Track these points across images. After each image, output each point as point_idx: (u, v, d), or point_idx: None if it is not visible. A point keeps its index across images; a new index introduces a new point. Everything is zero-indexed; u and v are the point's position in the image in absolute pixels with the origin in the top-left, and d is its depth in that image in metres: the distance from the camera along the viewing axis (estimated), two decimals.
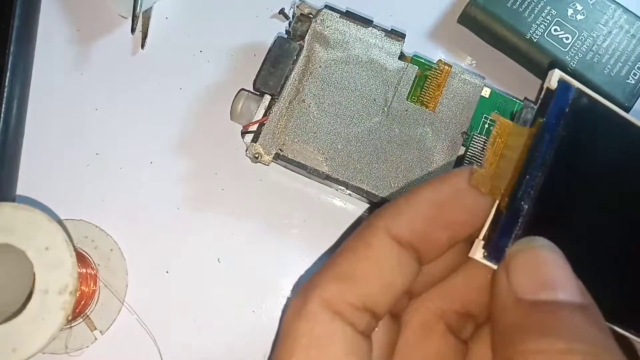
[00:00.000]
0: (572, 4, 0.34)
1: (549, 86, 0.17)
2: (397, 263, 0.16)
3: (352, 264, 0.16)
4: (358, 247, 0.16)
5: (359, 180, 0.32)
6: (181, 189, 0.34)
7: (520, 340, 0.14)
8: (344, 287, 0.15)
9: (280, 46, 0.32)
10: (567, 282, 0.15)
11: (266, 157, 0.32)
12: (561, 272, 0.15)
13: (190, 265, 0.33)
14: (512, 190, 0.16)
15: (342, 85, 0.32)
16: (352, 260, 0.16)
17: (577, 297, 0.15)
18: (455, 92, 0.33)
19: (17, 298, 0.26)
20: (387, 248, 0.16)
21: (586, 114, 0.17)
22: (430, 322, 0.18)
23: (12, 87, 0.34)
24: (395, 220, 0.16)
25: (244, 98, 0.33)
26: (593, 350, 0.14)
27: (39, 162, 0.34)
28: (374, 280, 0.16)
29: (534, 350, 0.14)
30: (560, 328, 0.14)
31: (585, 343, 0.14)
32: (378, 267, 0.16)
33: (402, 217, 0.16)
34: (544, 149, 0.16)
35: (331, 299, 0.15)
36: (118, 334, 0.32)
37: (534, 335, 0.14)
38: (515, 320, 0.15)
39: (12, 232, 0.26)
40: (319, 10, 0.33)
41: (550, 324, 0.14)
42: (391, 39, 0.33)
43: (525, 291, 0.15)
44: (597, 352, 0.14)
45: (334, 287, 0.15)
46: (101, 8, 0.36)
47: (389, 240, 0.16)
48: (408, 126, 0.32)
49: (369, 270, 0.16)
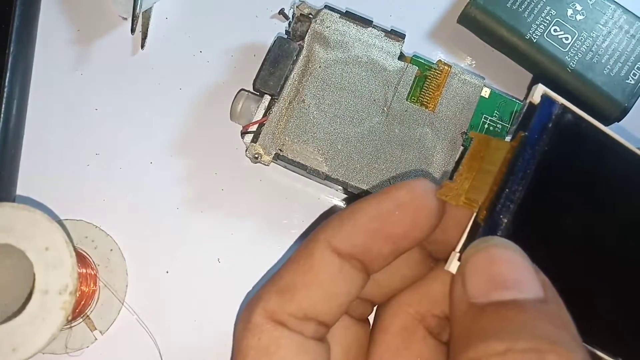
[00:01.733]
0: (572, 4, 0.34)
1: (532, 100, 0.16)
2: (338, 274, 0.16)
3: (294, 276, 0.16)
4: (300, 260, 0.16)
5: (358, 181, 0.32)
6: (181, 189, 0.34)
7: (465, 347, 0.14)
8: (285, 299, 0.16)
9: (280, 46, 0.33)
10: (521, 278, 0.15)
11: (266, 158, 0.32)
12: (515, 269, 0.15)
13: (190, 265, 0.34)
14: (491, 203, 0.16)
15: (341, 86, 0.33)
16: (294, 272, 0.16)
17: (532, 292, 0.14)
18: (455, 92, 0.33)
19: (17, 298, 0.26)
20: (328, 260, 0.16)
21: (570, 129, 0.17)
22: (410, 326, 0.18)
23: (12, 87, 0.34)
24: (336, 234, 0.16)
25: (243, 98, 0.33)
26: (536, 347, 0.13)
27: (39, 162, 0.34)
28: (316, 291, 0.16)
29: (474, 358, 0.13)
30: (503, 329, 0.14)
31: (528, 340, 0.13)
32: (319, 278, 0.16)
33: (343, 231, 0.16)
34: (525, 163, 0.16)
35: (273, 310, 0.16)
36: (118, 334, 0.32)
37: (476, 340, 0.14)
38: (466, 326, 0.15)
39: (12, 232, 0.26)
40: (318, 10, 0.33)
41: (494, 326, 0.14)
42: (391, 39, 0.33)
43: (477, 295, 0.15)
44: (542, 348, 0.13)
45: (276, 300, 0.16)
46: (101, 8, 0.36)
47: (329, 253, 0.16)
48: (408, 126, 0.32)
49: (310, 282, 0.16)
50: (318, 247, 0.16)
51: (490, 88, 0.33)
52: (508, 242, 0.15)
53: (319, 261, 0.16)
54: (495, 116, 0.33)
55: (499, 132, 0.33)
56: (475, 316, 0.14)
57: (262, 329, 0.16)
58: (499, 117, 0.33)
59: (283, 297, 0.16)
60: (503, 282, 0.15)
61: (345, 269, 0.16)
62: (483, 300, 0.15)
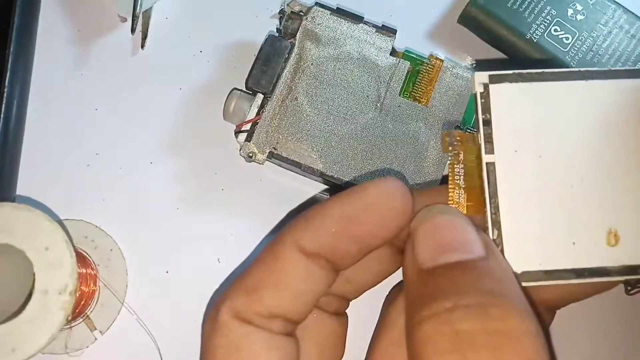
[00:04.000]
0: (572, 4, 0.34)
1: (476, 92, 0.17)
2: (305, 274, 0.16)
3: (260, 276, 0.16)
4: (267, 260, 0.17)
5: (353, 177, 0.32)
6: (181, 189, 0.34)
7: (418, 309, 0.14)
8: (251, 298, 0.16)
9: (271, 44, 0.33)
10: (464, 240, 0.16)
11: (260, 156, 0.32)
12: (458, 233, 0.16)
13: (190, 265, 0.33)
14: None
15: (334, 83, 0.33)
16: (260, 272, 0.17)
17: (475, 252, 0.15)
18: (447, 86, 0.33)
19: (17, 298, 0.26)
20: (294, 260, 0.16)
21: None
22: None
23: (12, 87, 0.34)
24: (302, 234, 0.16)
25: (236, 97, 0.33)
26: (480, 302, 0.14)
27: (39, 162, 0.34)
28: (282, 291, 0.16)
29: (425, 317, 0.14)
30: (450, 287, 0.14)
31: (472, 296, 0.14)
32: (286, 279, 0.16)
33: (310, 231, 0.16)
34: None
35: (239, 309, 0.16)
36: (118, 334, 0.32)
37: (427, 301, 0.14)
38: (417, 290, 0.15)
39: (12, 232, 0.26)
40: (309, 7, 0.33)
41: (442, 286, 0.15)
42: (382, 35, 0.33)
43: (426, 260, 0.15)
44: (485, 303, 0.14)
45: (242, 299, 0.16)
46: (101, 8, 0.36)
47: (296, 252, 0.16)
48: (401, 122, 0.32)
49: (277, 282, 0.16)
50: (285, 247, 0.16)
51: None
52: (449, 208, 0.17)
53: (286, 261, 0.16)
54: None
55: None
56: (426, 280, 0.15)
57: (230, 327, 0.16)
58: None
59: (249, 297, 0.16)
60: (448, 245, 0.15)
61: (312, 268, 0.16)
62: (431, 264, 0.15)
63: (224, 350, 0.16)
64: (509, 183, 0.17)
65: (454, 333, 0.14)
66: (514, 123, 0.17)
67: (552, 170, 0.17)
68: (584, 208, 0.16)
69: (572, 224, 0.16)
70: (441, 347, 0.14)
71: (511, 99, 0.17)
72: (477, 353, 0.13)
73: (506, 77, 0.17)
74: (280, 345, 0.16)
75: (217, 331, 0.16)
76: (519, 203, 0.16)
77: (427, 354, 0.14)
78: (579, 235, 0.16)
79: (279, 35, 0.33)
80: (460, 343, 0.13)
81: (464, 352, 0.13)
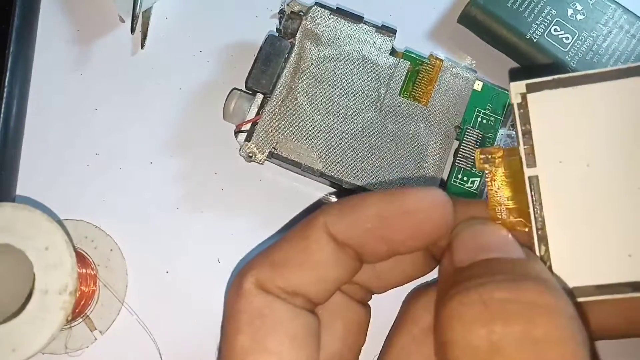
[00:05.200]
0: (572, 4, 0.34)
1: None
2: (332, 259, 0.16)
3: (287, 252, 0.16)
4: (295, 239, 0.16)
5: (353, 177, 0.32)
6: (181, 189, 0.34)
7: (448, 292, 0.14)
8: (276, 273, 0.16)
9: (271, 44, 0.33)
10: (505, 243, 0.15)
11: (260, 156, 0.32)
12: (499, 238, 0.15)
13: (190, 265, 0.33)
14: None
15: (334, 82, 0.33)
16: (287, 249, 0.16)
17: (515, 254, 0.15)
18: (447, 86, 0.33)
19: (17, 298, 0.26)
20: (322, 243, 0.16)
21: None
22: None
23: (12, 87, 0.34)
24: (336, 220, 0.16)
25: (236, 97, 0.33)
26: (512, 278, 0.14)
27: (39, 162, 0.34)
28: (307, 272, 0.16)
29: (454, 293, 0.14)
30: (484, 272, 0.14)
31: (506, 275, 0.14)
32: (312, 260, 0.16)
33: (343, 221, 0.16)
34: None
35: (264, 280, 0.16)
36: (118, 334, 0.32)
37: (458, 282, 0.14)
38: (450, 282, 0.15)
39: (12, 232, 0.26)
40: (309, 7, 0.33)
41: (477, 273, 0.14)
42: (382, 34, 0.33)
43: (462, 260, 0.15)
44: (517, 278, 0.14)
45: (267, 271, 0.16)
46: (101, 8, 0.36)
47: (325, 237, 0.16)
48: (401, 122, 0.32)
49: (303, 262, 0.16)
50: (316, 229, 0.16)
51: (483, 81, 0.33)
52: (486, 220, 0.16)
53: (315, 243, 0.16)
54: (488, 109, 0.33)
55: (492, 125, 0.33)
56: (461, 271, 0.15)
57: (255, 294, 0.16)
58: (492, 110, 0.33)
59: (274, 271, 0.16)
60: (487, 245, 0.15)
61: (338, 255, 0.16)
62: (467, 263, 0.15)
63: (247, 316, 0.16)
64: (555, 196, 0.16)
65: (482, 302, 0.13)
66: (556, 132, 0.16)
67: (602, 179, 0.15)
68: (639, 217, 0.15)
69: (627, 235, 0.15)
70: (469, 318, 0.13)
71: (551, 106, 0.16)
72: (507, 324, 0.12)
73: (545, 84, 0.16)
74: (302, 317, 0.16)
75: (241, 298, 0.16)
76: (567, 216, 0.16)
77: (452, 327, 0.13)
78: (635, 247, 0.15)
79: (278, 35, 0.33)
80: (490, 313, 0.13)
81: (493, 323, 0.13)
